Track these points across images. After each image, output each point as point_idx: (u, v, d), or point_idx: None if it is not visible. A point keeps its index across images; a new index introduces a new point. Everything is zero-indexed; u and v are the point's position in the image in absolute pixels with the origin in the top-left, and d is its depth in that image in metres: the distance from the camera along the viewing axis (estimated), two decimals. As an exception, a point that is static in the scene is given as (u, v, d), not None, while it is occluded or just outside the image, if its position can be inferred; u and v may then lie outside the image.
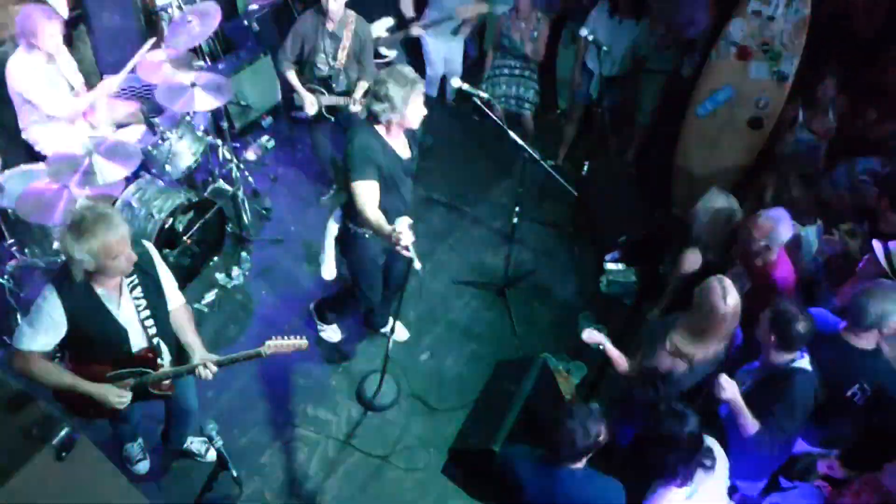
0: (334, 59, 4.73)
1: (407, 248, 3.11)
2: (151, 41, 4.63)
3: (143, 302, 2.89)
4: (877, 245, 3.41)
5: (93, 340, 2.85)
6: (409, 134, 3.62)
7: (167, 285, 3.05)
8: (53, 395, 3.02)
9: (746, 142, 4.91)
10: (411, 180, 3.71)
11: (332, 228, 3.84)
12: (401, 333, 4.64)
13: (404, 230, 3.07)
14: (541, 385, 4.03)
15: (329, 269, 3.99)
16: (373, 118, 3.42)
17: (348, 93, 4.85)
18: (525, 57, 5.50)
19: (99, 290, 2.78)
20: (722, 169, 5.02)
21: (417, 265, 3.17)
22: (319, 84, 4.83)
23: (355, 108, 4.79)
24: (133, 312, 2.88)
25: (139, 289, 2.87)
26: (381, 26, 5.45)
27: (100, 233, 2.55)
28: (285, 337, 3.04)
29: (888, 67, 4.61)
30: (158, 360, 3.02)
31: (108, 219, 2.57)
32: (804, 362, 3.00)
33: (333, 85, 4.84)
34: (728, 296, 3.05)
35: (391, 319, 4.54)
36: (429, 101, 6.12)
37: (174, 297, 3.11)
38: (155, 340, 2.97)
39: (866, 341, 3.07)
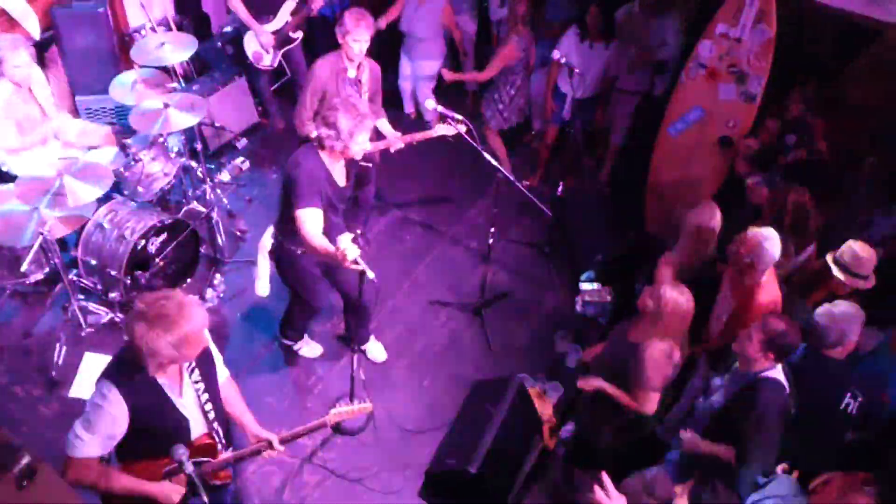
0: None
1: (356, 262, 3.13)
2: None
3: (202, 385, 2.71)
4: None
5: (152, 435, 2.60)
6: (350, 163, 3.68)
7: (217, 360, 2.86)
8: (102, 502, 2.78)
9: (717, 161, 4.99)
10: (344, 206, 3.74)
11: (266, 245, 3.87)
12: (378, 353, 4.61)
13: (348, 246, 3.09)
14: (517, 406, 4.03)
15: (263, 286, 4.00)
16: (318, 142, 3.49)
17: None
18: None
19: (161, 381, 2.57)
20: (694, 187, 5.09)
21: (371, 275, 3.18)
22: None
23: (398, 146, 4.57)
24: (194, 398, 2.69)
25: (197, 371, 2.68)
26: (287, 10, 5.52)
27: (185, 322, 2.41)
28: (351, 402, 2.99)
29: (846, 85, 4.74)
30: (218, 447, 2.82)
31: (190, 307, 2.44)
32: (775, 371, 3.08)
33: None
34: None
35: (370, 338, 4.53)
36: (406, 120, 6.21)
37: (222, 371, 2.92)
38: (215, 425, 2.78)
39: (837, 353, 3.21)
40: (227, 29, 5.82)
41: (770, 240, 3.45)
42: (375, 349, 4.61)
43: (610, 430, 3.56)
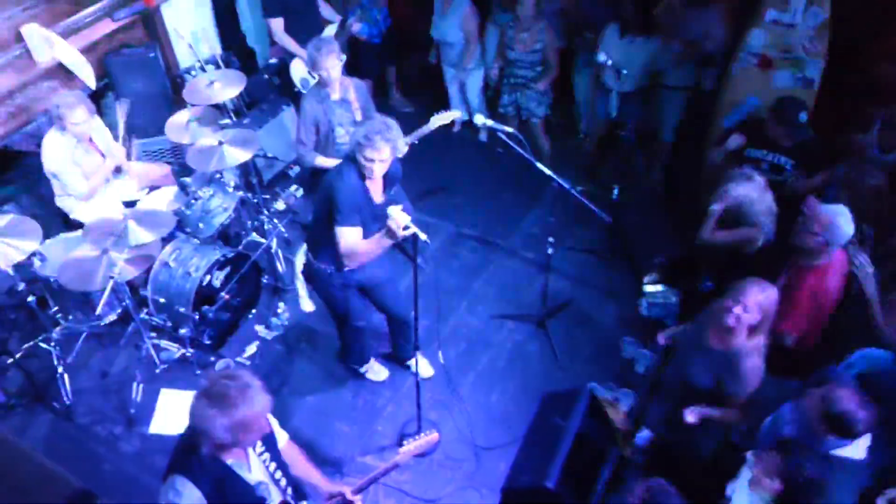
0: (353, 123, 4.58)
1: (406, 227, 3.12)
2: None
3: (268, 455, 2.65)
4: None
5: None
6: (388, 179, 3.68)
7: (274, 424, 2.81)
8: None
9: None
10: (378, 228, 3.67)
11: (300, 264, 3.89)
12: (425, 370, 4.53)
13: (397, 217, 3.11)
14: (589, 416, 3.96)
15: (305, 303, 4.00)
16: (351, 156, 3.53)
17: None
18: (530, 66, 5.57)
19: (229, 461, 2.51)
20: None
21: (423, 237, 3.14)
22: None
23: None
24: (263, 471, 2.64)
25: (259, 443, 2.63)
26: (328, 34, 5.58)
27: (244, 406, 2.34)
28: (416, 437, 3.04)
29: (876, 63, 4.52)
30: None
31: (251, 391, 2.38)
32: (852, 448, 2.78)
33: None
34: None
35: (417, 354, 4.49)
36: (455, 136, 6.19)
37: (281, 435, 2.87)
38: (289, 491, 2.73)
39: None
40: (273, 61, 5.94)
41: (843, 215, 3.25)
42: (421, 365, 4.43)
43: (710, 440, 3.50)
